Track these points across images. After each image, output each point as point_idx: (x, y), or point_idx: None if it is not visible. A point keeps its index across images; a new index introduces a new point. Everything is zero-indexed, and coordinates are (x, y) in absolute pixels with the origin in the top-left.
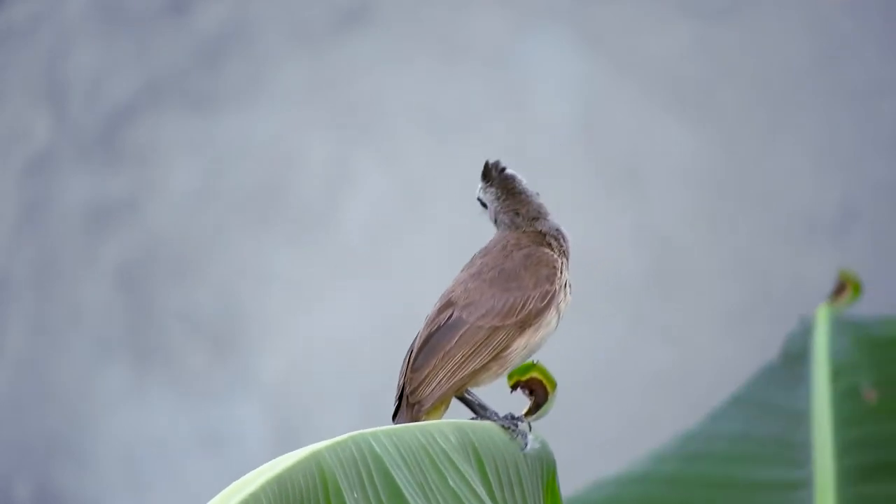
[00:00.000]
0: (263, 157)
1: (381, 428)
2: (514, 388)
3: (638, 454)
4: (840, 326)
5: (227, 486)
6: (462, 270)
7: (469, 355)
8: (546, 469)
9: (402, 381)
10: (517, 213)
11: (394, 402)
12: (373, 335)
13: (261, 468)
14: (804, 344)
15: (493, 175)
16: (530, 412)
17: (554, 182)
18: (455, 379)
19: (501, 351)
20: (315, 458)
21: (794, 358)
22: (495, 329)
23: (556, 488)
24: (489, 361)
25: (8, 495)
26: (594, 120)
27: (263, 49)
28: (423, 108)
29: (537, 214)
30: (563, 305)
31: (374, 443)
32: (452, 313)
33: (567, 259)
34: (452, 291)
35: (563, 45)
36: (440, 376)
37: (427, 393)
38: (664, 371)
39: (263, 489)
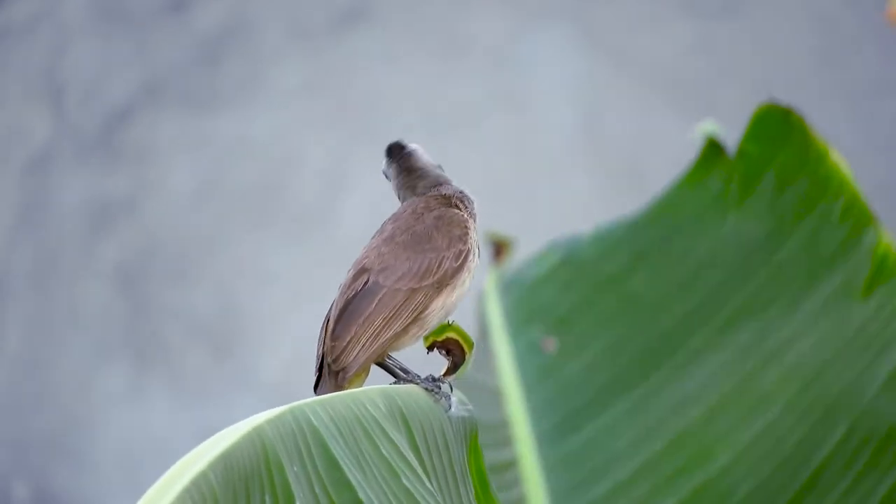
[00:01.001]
0: (262, 157)
1: (316, 398)
2: (430, 348)
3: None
4: (506, 288)
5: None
6: (373, 237)
7: (389, 318)
8: (469, 429)
9: (321, 350)
10: (415, 188)
11: (314, 373)
12: None
13: (204, 444)
14: (483, 318)
15: (395, 153)
16: (449, 372)
17: (554, 181)
18: (378, 343)
19: (420, 313)
20: (257, 432)
21: (483, 334)
22: (413, 291)
23: (478, 449)
24: (409, 324)
25: (7, 495)
26: (594, 119)
27: (262, 48)
28: (422, 108)
29: (436, 182)
30: (473, 265)
31: (310, 415)
32: (368, 279)
33: (474, 221)
34: (366, 258)
35: (563, 44)
36: (362, 341)
37: (351, 359)
38: None
39: (211, 466)
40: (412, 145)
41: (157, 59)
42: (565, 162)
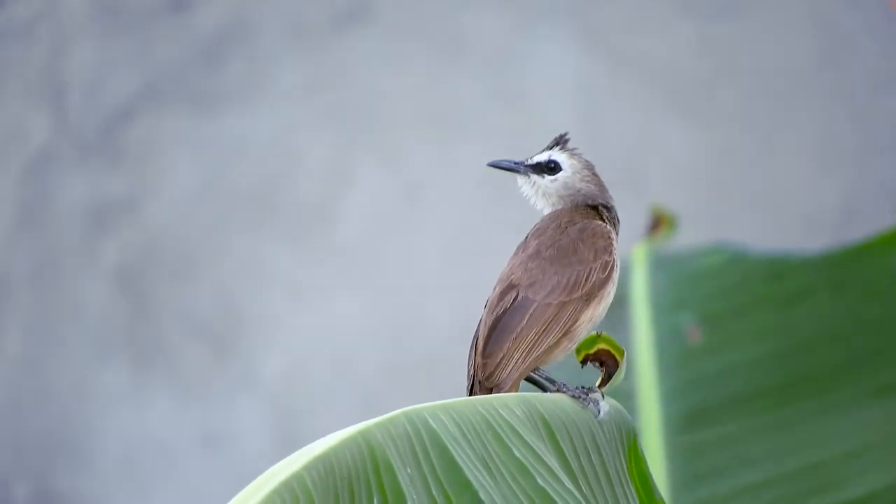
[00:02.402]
0: (263, 157)
1: (436, 403)
2: (583, 362)
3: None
4: (659, 264)
5: (228, 485)
6: (515, 254)
7: (541, 333)
8: (626, 434)
9: (471, 369)
10: (596, 185)
11: (466, 392)
12: (372, 334)
13: (303, 449)
14: (623, 285)
15: (571, 149)
16: (604, 383)
17: None
18: (531, 358)
19: (570, 326)
20: (363, 435)
21: (615, 300)
22: (563, 304)
23: (638, 452)
24: (561, 337)
25: (7, 495)
26: (594, 119)
27: (263, 48)
28: (422, 108)
29: (601, 192)
30: (617, 276)
31: (429, 418)
32: (518, 295)
33: (617, 230)
34: (512, 274)
35: (563, 44)
36: (516, 357)
37: (504, 375)
38: None
39: (307, 468)
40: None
41: (158, 59)
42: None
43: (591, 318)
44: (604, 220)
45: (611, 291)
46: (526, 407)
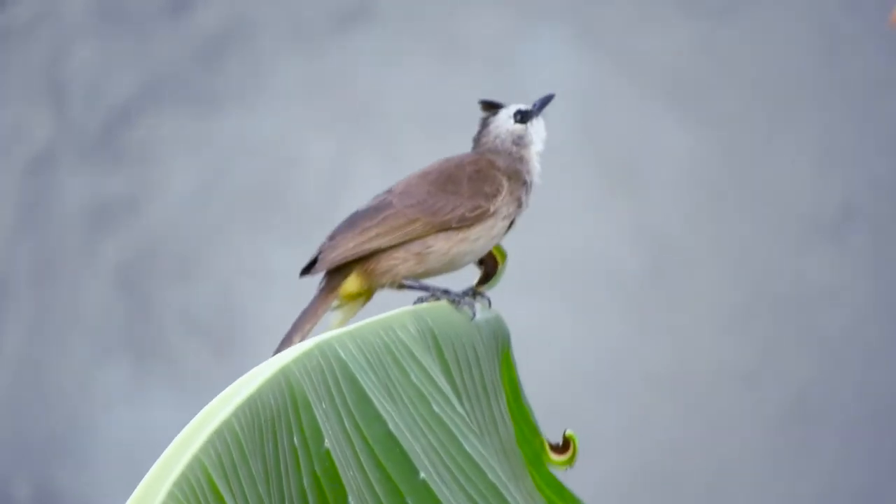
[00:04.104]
0: (263, 157)
1: (344, 329)
2: None
3: (635, 453)
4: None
5: None
6: (420, 169)
7: (381, 234)
8: (501, 342)
9: (319, 248)
10: (476, 147)
11: (302, 269)
12: None
13: (229, 389)
14: None
15: (485, 109)
16: (481, 283)
17: (553, 181)
18: (359, 249)
19: (420, 245)
20: (283, 372)
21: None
22: (415, 220)
23: (510, 360)
24: (403, 250)
25: (7, 495)
26: (594, 120)
27: (263, 49)
28: (423, 108)
29: (494, 150)
30: (493, 231)
31: (338, 347)
32: (386, 197)
33: (518, 199)
34: (398, 184)
35: (562, 44)
36: (349, 243)
37: (330, 256)
38: (664, 371)
39: (235, 413)
40: (507, 111)
41: (158, 59)
42: (564, 162)
43: (447, 253)
44: (509, 179)
45: (479, 237)
46: (418, 323)
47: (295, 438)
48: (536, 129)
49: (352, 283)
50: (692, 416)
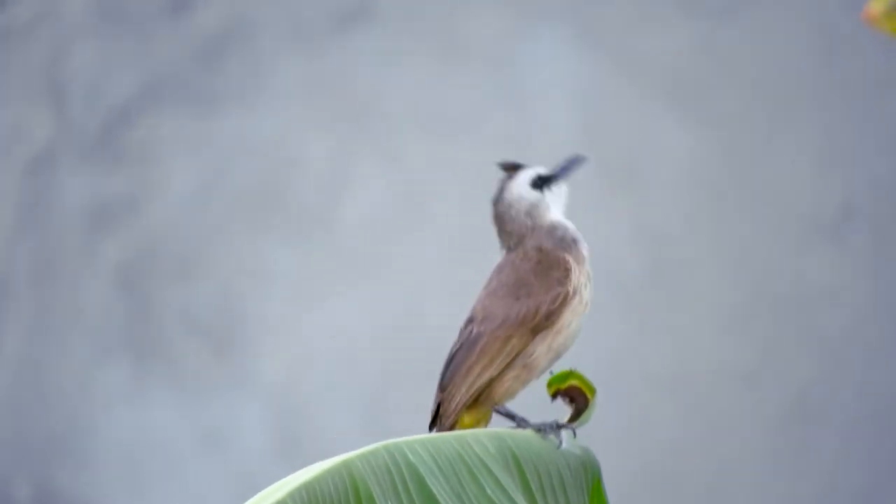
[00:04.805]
0: (263, 157)
1: (416, 437)
2: (554, 396)
3: (635, 453)
4: None
5: (227, 485)
6: (483, 289)
7: (487, 365)
8: (591, 474)
9: (434, 403)
10: (510, 239)
11: (428, 424)
12: (373, 334)
13: (288, 477)
14: None
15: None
16: (572, 419)
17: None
18: (473, 389)
19: (524, 357)
20: (346, 465)
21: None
22: (508, 338)
23: (601, 492)
24: (512, 368)
25: (7, 495)
26: (594, 120)
27: (263, 49)
28: (423, 108)
29: (532, 231)
30: (580, 307)
31: (408, 451)
32: (472, 329)
33: (580, 260)
34: (474, 308)
35: (562, 44)
36: (462, 390)
37: (451, 408)
38: (664, 371)
39: (291, 495)
40: (526, 174)
41: (158, 59)
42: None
43: (549, 349)
44: (565, 251)
45: (571, 322)
46: (498, 443)
47: None
48: (556, 196)
49: (470, 417)
50: (692, 416)
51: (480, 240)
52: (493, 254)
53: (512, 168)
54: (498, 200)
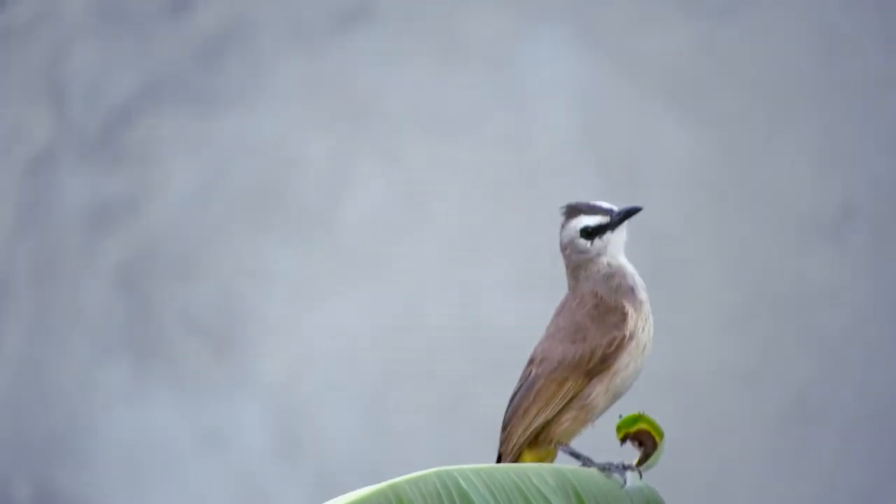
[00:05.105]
0: (263, 157)
1: (469, 465)
2: (623, 440)
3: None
4: None
5: (227, 485)
6: (544, 331)
7: (543, 407)
8: None
9: (499, 441)
10: (576, 277)
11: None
12: (373, 335)
13: (334, 500)
14: None
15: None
16: (640, 462)
17: (553, 182)
18: (529, 431)
19: (581, 399)
20: (394, 489)
21: None
22: (564, 380)
23: None
24: (570, 410)
25: (7, 495)
26: (594, 120)
27: (263, 49)
28: (423, 108)
29: (592, 271)
30: (637, 351)
31: (460, 479)
32: (531, 371)
33: (636, 303)
34: (534, 350)
35: (562, 44)
36: (518, 431)
37: (509, 449)
38: (664, 371)
39: None
40: (578, 221)
41: (158, 59)
42: (564, 162)
43: (608, 391)
44: (622, 296)
45: (628, 364)
46: (559, 477)
47: None
48: (609, 243)
49: (531, 455)
50: (692, 416)
51: (480, 240)
52: (492, 254)
53: (572, 212)
54: (560, 238)
